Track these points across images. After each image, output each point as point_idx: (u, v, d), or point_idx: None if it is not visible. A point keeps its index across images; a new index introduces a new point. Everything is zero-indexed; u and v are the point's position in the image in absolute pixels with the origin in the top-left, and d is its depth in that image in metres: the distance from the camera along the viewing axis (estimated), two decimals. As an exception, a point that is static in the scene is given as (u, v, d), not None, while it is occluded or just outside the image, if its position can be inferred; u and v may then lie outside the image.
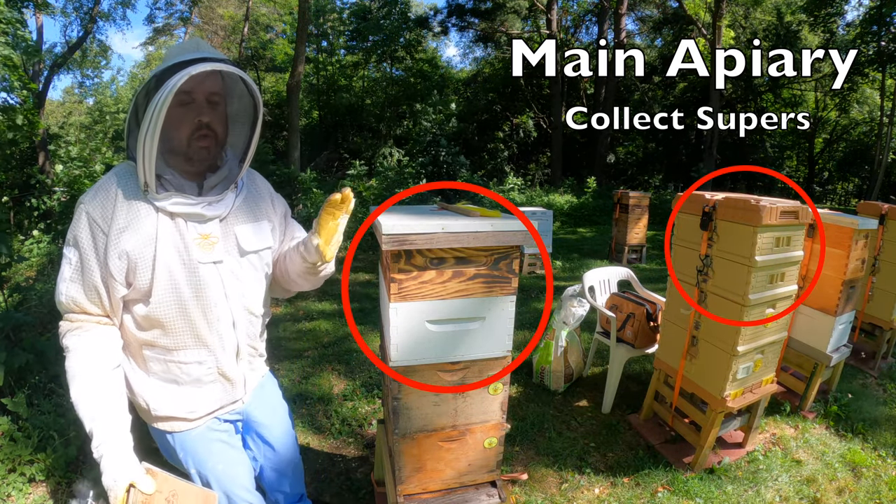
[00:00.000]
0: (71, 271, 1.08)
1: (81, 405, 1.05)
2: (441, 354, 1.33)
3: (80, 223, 1.06)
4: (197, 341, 1.17)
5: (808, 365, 2.77)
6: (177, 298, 1.11)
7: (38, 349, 2.56)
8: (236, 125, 1.21)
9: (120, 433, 1.04)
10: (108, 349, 1.11)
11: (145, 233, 1.07)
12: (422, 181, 9.60)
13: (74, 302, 1.09)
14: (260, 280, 1.28)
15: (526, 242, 1.29)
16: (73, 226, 1.07)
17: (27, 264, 5.57)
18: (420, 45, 20.63)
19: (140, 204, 1.07)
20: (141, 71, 24.59)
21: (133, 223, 1.06)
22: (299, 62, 10.34)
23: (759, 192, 17.32)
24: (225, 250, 1.18)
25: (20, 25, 6.18)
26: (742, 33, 17.81)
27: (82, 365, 1.08)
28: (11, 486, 2.03)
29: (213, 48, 1.16)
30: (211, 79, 1.10)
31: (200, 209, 1.12)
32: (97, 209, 1.06)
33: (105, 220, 1.05)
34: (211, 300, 1.15)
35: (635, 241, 7.24)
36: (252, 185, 1.31)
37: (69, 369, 1.09)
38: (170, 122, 1.05)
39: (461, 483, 1.47)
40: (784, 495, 2.11)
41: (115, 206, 1.06)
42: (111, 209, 1.06)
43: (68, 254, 1.08)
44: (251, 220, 1.24)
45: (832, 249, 2.64)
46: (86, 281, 1.07)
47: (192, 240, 1.11)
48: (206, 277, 1.14)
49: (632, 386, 3.12)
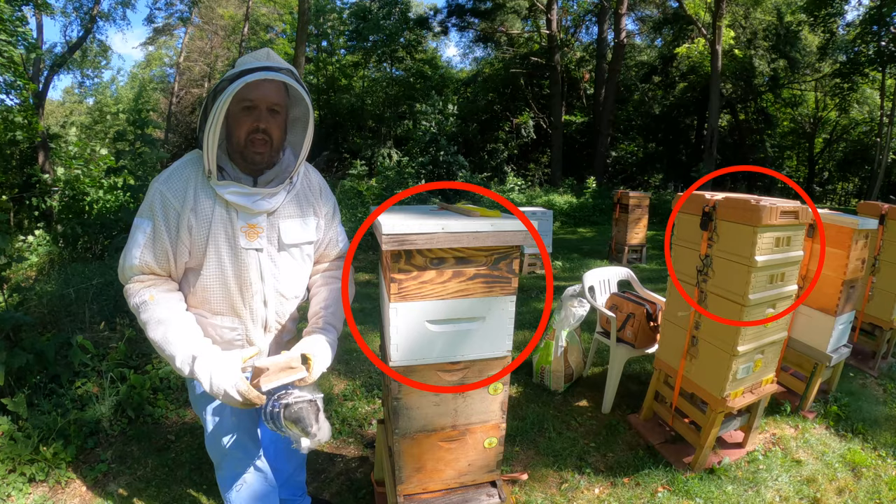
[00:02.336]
0: (145, 239, 1.24)
1: (174, 340, 1.20)
2: (441, 354, 1.33)
3: (156, 199, 1.23)
4: (231, 311, 1.34)
5: (808, 365, 2.77)
6: (220, 273, 1.29)
7: (38, 349, 2.56)
8: (296, 127, 1.35)
9: (217, 350, 1.23)
10: (181, 297, 1.30)
11: (204, 215, 1.25)
12: (421, 181, 9.60)
13: (147, 264, 1.25)
14: (296, 268, 1.42)
15: (526, 242, 1.29)
16: (149, 202, 1.24)
17: (27, 264, 5.57)
18: (420, 46, 20.64)
19: (204, 188, 1.25)
20: (141, 71, 24.58)
21: (197, 204, 1.24)
22: (299, 62, 10.34)
23: (759, 192, 17.31)
24: (267, 240, 1.33)
25: (20, 24, 6.18)
26: (742, 33, 17.81)
27: (166, 308, 1.23)
28: (11, 486, 2.03)
29: (280, 59, 1.27)
30: (274, 89, 1.23)
31: (252, 203, 1.27)
32: (170, 189, 1.23)
33: (177, 199, 1.23)
34: (248, 280, 1.32)
35: (635, 241, 7.24)
36: (306, 180, 1.44)
37: (152, 316, 1.22)
38: (233, 122, 1.23)
39: (461, 483, 1.47)
40: (784, 495, 2.11)
41: (186, 187, 1.24)
42: (182, 190, 1.24)
43: (142, 225, 1.24)
44: (298, 216, 1.38)
45: (832, 249, 2.64)
46: (158, 247, 1.24)
47: (239, 228, 1.28)
48: (246, 260, 1.30)
49: (632, 386, 3.12)
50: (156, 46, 23.18)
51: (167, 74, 24.01)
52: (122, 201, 5.99)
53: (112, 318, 3.40)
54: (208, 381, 1.16)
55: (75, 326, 3.24)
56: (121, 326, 3.23)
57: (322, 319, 1.42)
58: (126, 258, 1.25)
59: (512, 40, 21.45)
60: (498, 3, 19.75)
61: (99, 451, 2.35)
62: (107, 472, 2.21)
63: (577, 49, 21.94)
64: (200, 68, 22.27)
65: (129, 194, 5.78)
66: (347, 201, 9.67)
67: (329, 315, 1.43)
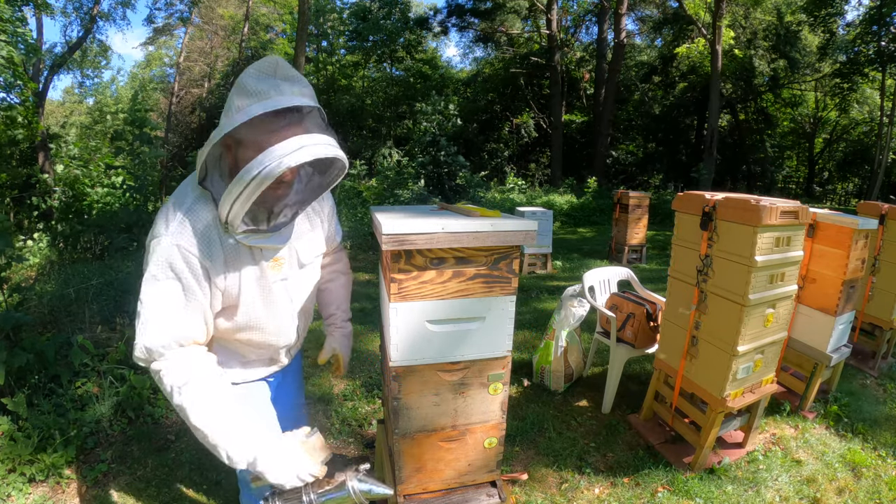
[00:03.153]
0: (174, 305, 1.05)
1: (224, 432, 1.05)
2: (441, 354, 1.33)
3: (174, 257, 1.04)
4: (261, 338, 1.29)
5: (808, 365, 2.77)
6: (252, 310, 1.21)
7: (38, 349, 2.56)
8: (320, 171, 1.20)
9: (269, 435, 1.10)
10: (219, 369, 1.14)
11: (231, 262, 1.12)
12: (421, 181, 9.60)
13: (182, 336, 1.07)
14: (314, 280, 1.41)
15: (526, 242, 1.29)
16: (164, 261, 1.04)
17: (27, 265, 5.57)
18: (420, 46, 20.65)
19: (223, 235, 1.10)
20: (141, 71, 24.59)
21: (226, 254, 1.11)
22: (299, 62, 10.33)
23: (759, 192, 17.32)
24: (289, 266, 1.28)
25: (20, 24, 6.18)
26: (742, 33, 17.81)
27: (210, 390, 1.07)
28: (11, 486, 2.03)
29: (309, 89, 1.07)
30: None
31: (273, 243, 1.16)
32: (190, 242, 1.05)
33: (202, 252, 1.07)
34: (279, 310, 1.27)
35: (635, 241, 7.24)
36: None
37: (194, 401, 1.04)
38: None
39: (461, 483, 1.47)
40: (784, 495, 2.11)
41: (208, 237, 1.08)
42: (205, 241, 1.07)
43: (165, 290, 1.04)
44: (309, 230, 1.33)
45: (832, 249, 2.63)
46: (192, 312, 1.08)
47: (265, 265, 1.20)
48: (276, 293, 1.25)
49: (632, 386, 3.12)
50: (156, 46, 23.18)
51: (167, 74, 24.02)
52: (122, 201, 6.00)
53: (112, 318, 3.40)
54: (275, 476, 1.07)
55: (75, 326, 3.24)
56: (121, 326, 3.23)
57: (339, 318, 1.55)
58: (150, 334, 1.04)
59: (512, 40, 21.46)
60: (498, 3, 19.76)
61: (99, 451, 2.35)
62: (107, 472, 2.21)
63: (577, 49, 21.95)
64: (200, 68, 22.25)
65: (129, 194, 5.79)
66: (348, 201, 9.68)
67: (342, 312, 1.56)
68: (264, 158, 0.95)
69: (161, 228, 1.05)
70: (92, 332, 3.18)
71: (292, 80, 1.04)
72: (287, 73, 1.04)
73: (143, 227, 5.46)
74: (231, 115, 0.98)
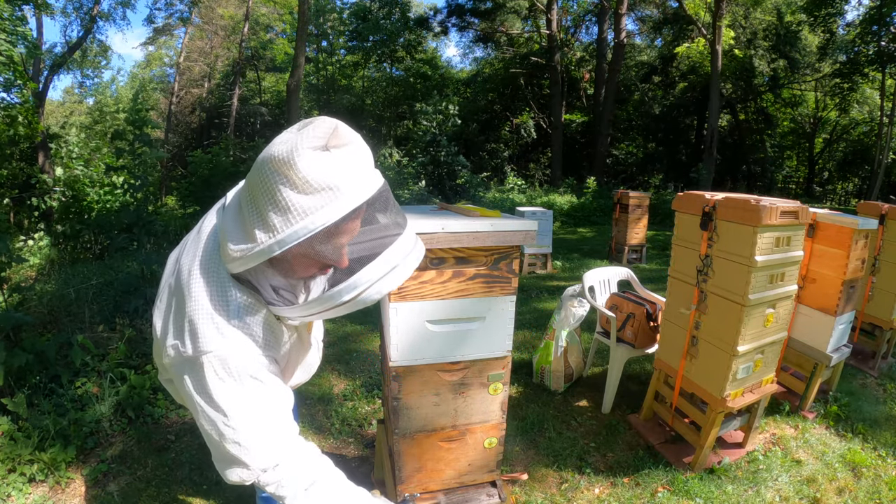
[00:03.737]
0: (269, 409, 0.91)
1: None
2: (441, 354, 1.33)
3: (244, 361, 0.88)
4: (292, 382, 1.23)
5: (808, 365, 2.77)
6: (290, 364, 1.13)
7: (38, 349, 2.56)
8: None
9: None
10: (323, 456, 1.04)
11: (280, 336, 1.00)
12: (421, 181, 9.60)
13: (288, 436, 0.94)
14: None
15: (526, 242, 1.29)
16: (237, 368, 0.87)
17: (27, 265, 5.58)
18: (420, 46, 20.65)
19: (272, 320, 0.96)
20: (141, 71, 24.59)
21: (277, 334, 0.98)
22: (299, 62, 10.34)
23: (759, 192, 17.32)
24: None
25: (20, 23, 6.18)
26: (742, 33, 17.81)
27: (334, 487, 1.01)
28: (11, 486, 2.03)
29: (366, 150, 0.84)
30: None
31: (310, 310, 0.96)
32: (254, 342, 0.91)
33: (266, 345, 0.94)
34: (310, 354, 1.23)
35: (635, 241, 7.24)
36: None
37: (322, 499, 0.96)
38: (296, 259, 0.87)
39: (461, 483, 1.47)
40: (784, 495, 2.11)
41: (267, 329, 0.94)
42: (267, 333, 0.94)
43: (253, 396, 0.89)
44: None
45: (832, 249, 2.63)
46: (283, 404, 0.94)
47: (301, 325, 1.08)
48: (306, 340, 1.17)
49: (632, 386, 3.12)
50: (156, 46, 23.18)
51: (167, 74, 24.03)
52: (122, 201, 6.00)
53: (112, 318, 3.40)
54: None
55: (75, 326, 3.24)
56: (121, 326, 3.23)
57: None
58: (259, 451, 0.89)
59: (512, 40, 21.46)
60: (498, 3, 19.77)
61: (99, 451, 2.35)
62: (107, 472, 2.21)
63: (577, 49, 21.96)
64: (200, 68, 22.25)
65: (129, 194, 5.79)
66: (347, 201, 9.66)
67: None
68: (357, 283, 0.81)
69: (214, 338, 0.85)
70: (92, 332, 3.18)
71: (355, 150, 0.80)
72: (345, 141, 0.78)
73: (143, 227, 5.47)
74: (290, 220, 0.75)
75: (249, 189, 0.80)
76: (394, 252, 0.84)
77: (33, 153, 8.75)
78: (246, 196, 0.81)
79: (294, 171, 0.73)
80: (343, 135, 0.78)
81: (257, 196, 0.77)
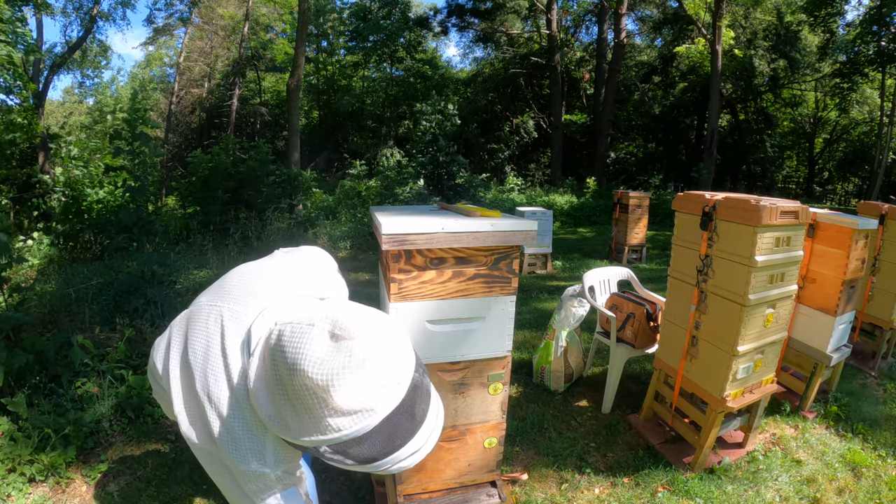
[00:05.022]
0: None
1: None
2: (441, 354, 1.33)
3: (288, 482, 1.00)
4: None
5: (808, 365, 2.77)
6: None
7: (38, 349, 2.56)
8: None
9: None
10: None
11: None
12: (421, 181, 9.60)
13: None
14: None
15: (526, 242, 1.29)
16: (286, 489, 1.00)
17: (27, 265, 5.58)
18: (420, 46, 20.65)
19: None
20: (141, 71, 24.58)
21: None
22: (299, 62, 10.34)
23: (759, 192, 17.32)
24: None
25: (20, 24, 6.18)
26: (742, 33, 17.82)
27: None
28: (11, 486, 2.03)
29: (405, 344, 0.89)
30: None
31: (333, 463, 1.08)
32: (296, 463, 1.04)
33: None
34: None
35: (635, 241, 7.24)
36: None
37: None
38: None
39: (461, 483, 1.47)
40: (784, 495, 2.11)
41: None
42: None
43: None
44: None
45: (832, 249, 2.63)
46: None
47: None
48: None
49: (632, 386, 3.12)
50: (156, 46, 23.17)
51: (167, 74, 24.02)
52: (122, 201, 6.00)
53: (112, 318, 3.40)
54: None
55: (75, 326, 3.24)
56: (121, 326, 3.23)
57: None
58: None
59: (512, 40, 21.46)
60: (498, 3, 19.76)
61: (99, 451, 2.35)
62: (107, 472, 2.21)
63: (577, 49, 21.95)
64: (200, 68, 22.24)
65: (129, 195, 5.79)
66: (347, 201, 9.68)
67: None
68: (381, 461, 0.85)
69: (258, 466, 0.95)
70: (92, 332, 3.18)
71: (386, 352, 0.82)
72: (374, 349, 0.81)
73: (143, 227, 5.47)
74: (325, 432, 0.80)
75: (285, 392, 0.83)
76: (419, 440, 0.87)
77: (33, 153, 8.75)
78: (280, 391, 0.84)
79: (332, 403, 0.77)
80: (378, 348, 0.80)
81: (289, 401, 0.82)
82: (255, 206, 7.93)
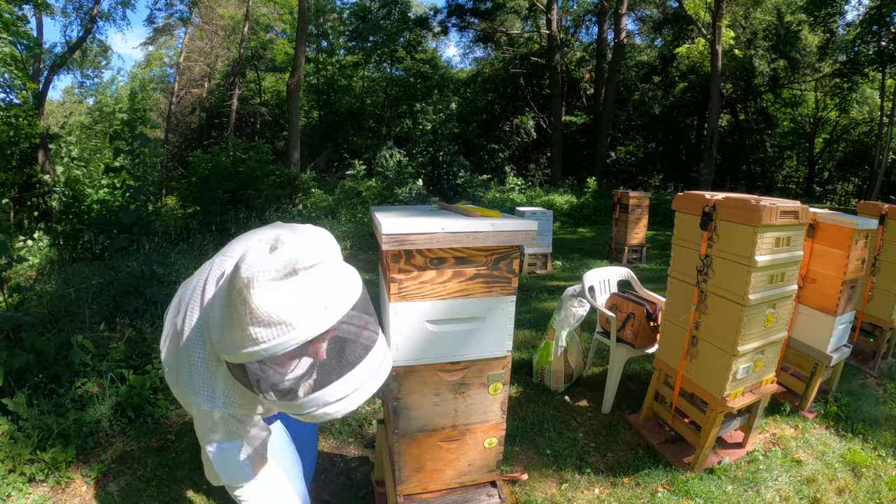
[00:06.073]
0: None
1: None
2: (441, 354, 1.33)
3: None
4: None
5: (808, 365, 2.77)
6: None
7: (38, 349, 2.56)
8: None
9: None
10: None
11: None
12: (420, 181, 9.60)
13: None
14: None
15: (526, 242, 1.29)
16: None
17: (27, 265, 5.57)
18: (420, 46, 20.64)
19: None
20: (141, 71, 24.58)
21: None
22: (299, 62, 10.34)
23: (759, 192, 17.31)
24: None
25: (21, 23, 6.18)
26: (742, 33, 17.81)
27: None
28: (11, 486, 2.03)
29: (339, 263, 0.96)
30: None
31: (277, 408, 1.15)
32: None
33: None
34: None
35: (635, 241, 7.24)
36: None
37: None
38: None
39: (461, 483, 1.47)
40: (784, 495, 2.11)
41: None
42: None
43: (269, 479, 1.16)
44: None
45: (832, 249, 2.63)
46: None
47: None
48: None
49: (632, 386, 3.12)
50: (156, 46, 23.16)
51: (167, 74, 24.02)
52: (122, 201, 6.00)
53: (112, 318, 3.40)
54: None
55: (75, 326, 3.24)
56: (121, 326, 3.23)
57: None
58: None
59: (512, 40, 21.45)
60: (498, 3, 19.76)
61: (99, 451, 2.35)
62: (107, 472, 2.21)
63: (577, 49, 21.95)
64: (200, 68, 22.23)
65: (129, 195, 5.79)
66: (347, 201, 9.68)
67: None
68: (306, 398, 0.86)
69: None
70: (92, 332, 3.18)
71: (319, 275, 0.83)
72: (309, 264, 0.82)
73: (143, 227, 5.47)
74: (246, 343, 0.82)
75: (224, 297, 0.88)
76: (359, 372, 0.87)
77: (33, 153, 8.75)
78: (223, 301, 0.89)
79: (251, 303, 0.79)
80: (308, 259, 0.81)
81: (226, 309, 0.85)
82: (255, 206, 7.94)
